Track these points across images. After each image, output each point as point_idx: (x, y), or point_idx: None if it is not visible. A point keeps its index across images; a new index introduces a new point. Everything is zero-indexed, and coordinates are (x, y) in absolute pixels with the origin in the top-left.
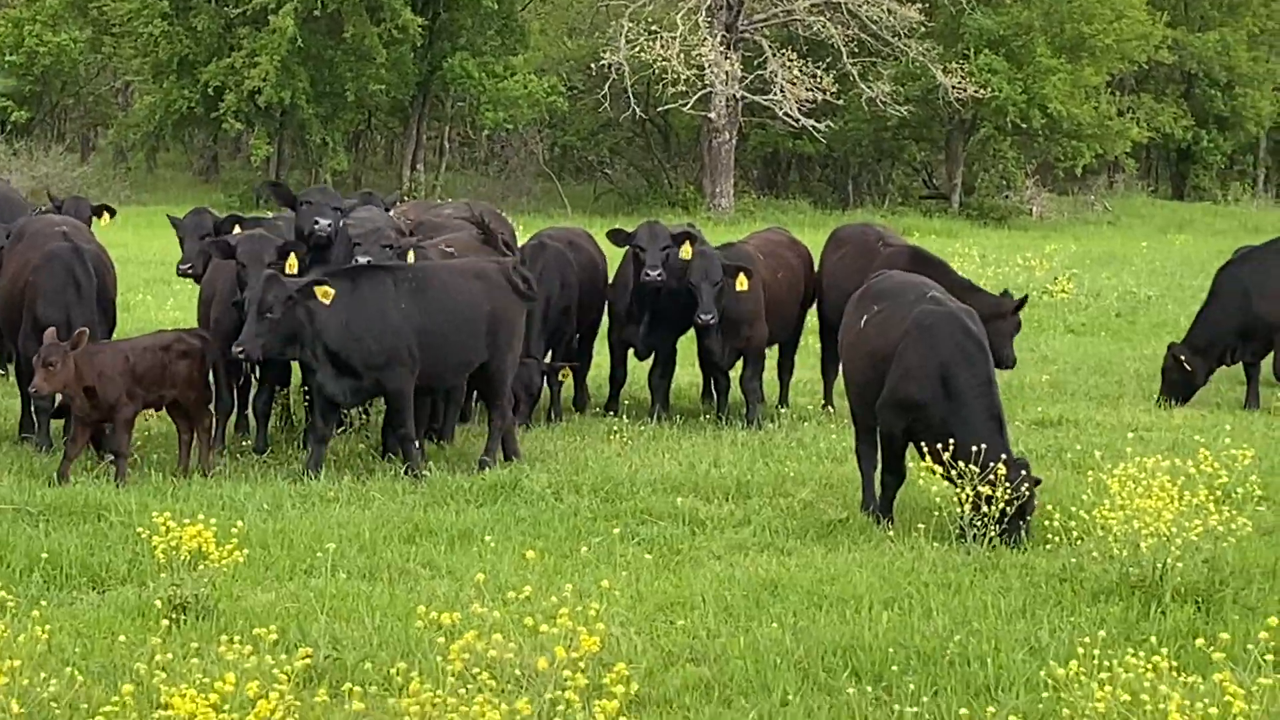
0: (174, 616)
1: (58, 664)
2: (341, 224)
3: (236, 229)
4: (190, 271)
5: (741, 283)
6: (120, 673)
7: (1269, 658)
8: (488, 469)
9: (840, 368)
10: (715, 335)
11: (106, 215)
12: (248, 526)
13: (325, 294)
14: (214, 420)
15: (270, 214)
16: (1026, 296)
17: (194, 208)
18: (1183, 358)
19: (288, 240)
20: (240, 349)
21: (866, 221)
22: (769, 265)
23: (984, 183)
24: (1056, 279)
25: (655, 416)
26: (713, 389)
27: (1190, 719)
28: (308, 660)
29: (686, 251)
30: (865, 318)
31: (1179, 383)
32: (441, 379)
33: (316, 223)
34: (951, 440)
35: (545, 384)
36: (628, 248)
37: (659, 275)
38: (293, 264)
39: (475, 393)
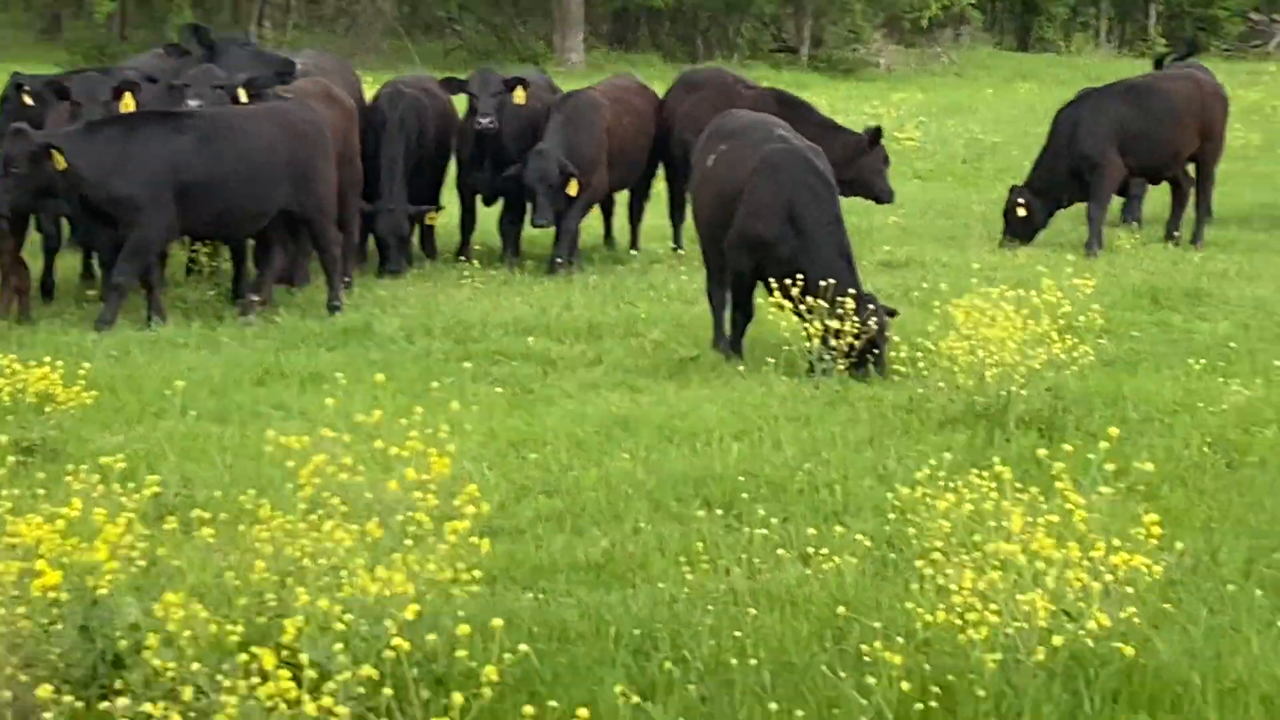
0: (21, 459)
1: None
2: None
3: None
4: None
5: (573, 187)
6: None
7: (1109, 466)
8: (338, 314)
9: (690, 210)
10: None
11: None
12: (95, 371)
13: (58, 160)
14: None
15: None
16: (880, 127)
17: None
18: (1022, 199)
19: (124, 78)
20: None
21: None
22: (614, 111)
23: (832, 35)
24: (904, 127)
25: (507, 263)
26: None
27: (1032, 532)
28: (157, 491)
29: (520, 96)
30: (713, 157)
31: (1020, 223)
32: (233, 227)
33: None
34: (800, 276)
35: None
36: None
37: (490, 123)
38: (128, 103)
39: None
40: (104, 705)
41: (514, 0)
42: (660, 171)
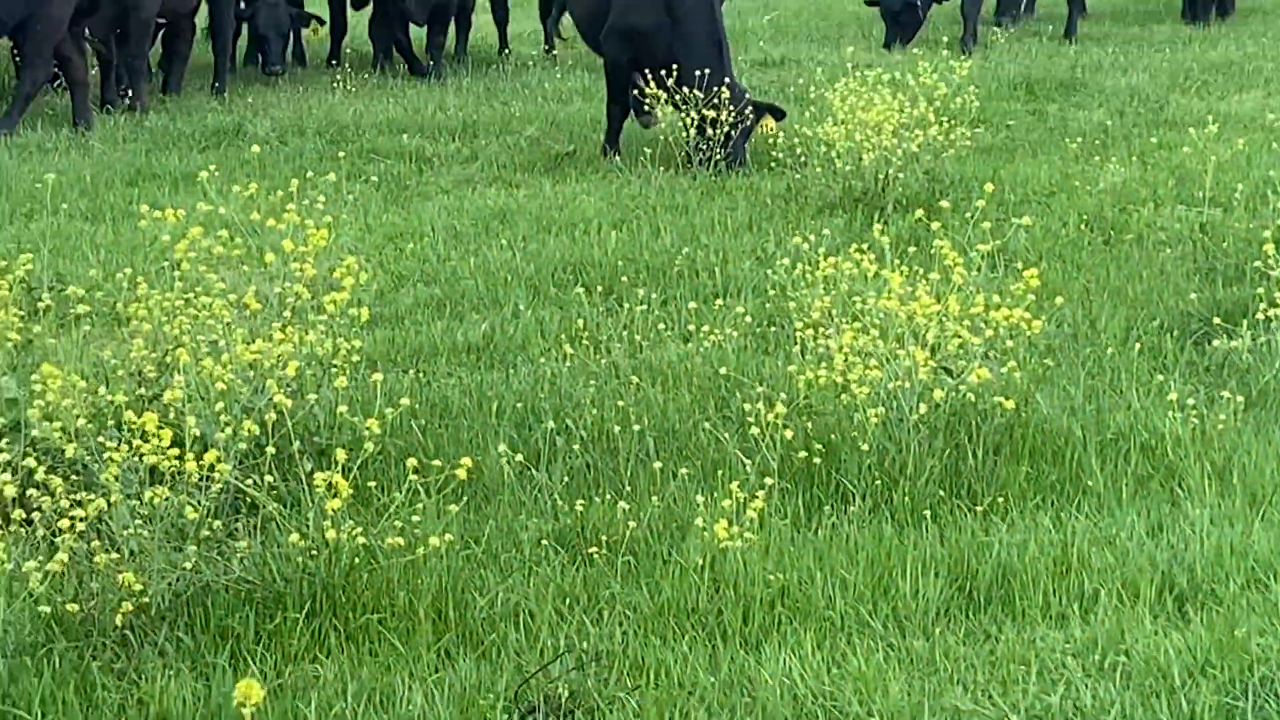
0: None
1: None
2: None
3: None
4: None
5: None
6: None
7: (986, 225)
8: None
9: (568, 6)
10: None
11: None
12: None
13: None
14: None
15: None
16: None
17: None
18: None
19: None
20: None
21: None
22: None
23: None
24: None
25: (378, 66)
26: None
27: (912, 293)
28: (29, 269)
29: None
30: None
31: (905, 20)
32: None
33: None
34: (675, 66)
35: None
36: None
37: None
38: None
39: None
40: None
41: None
42: None
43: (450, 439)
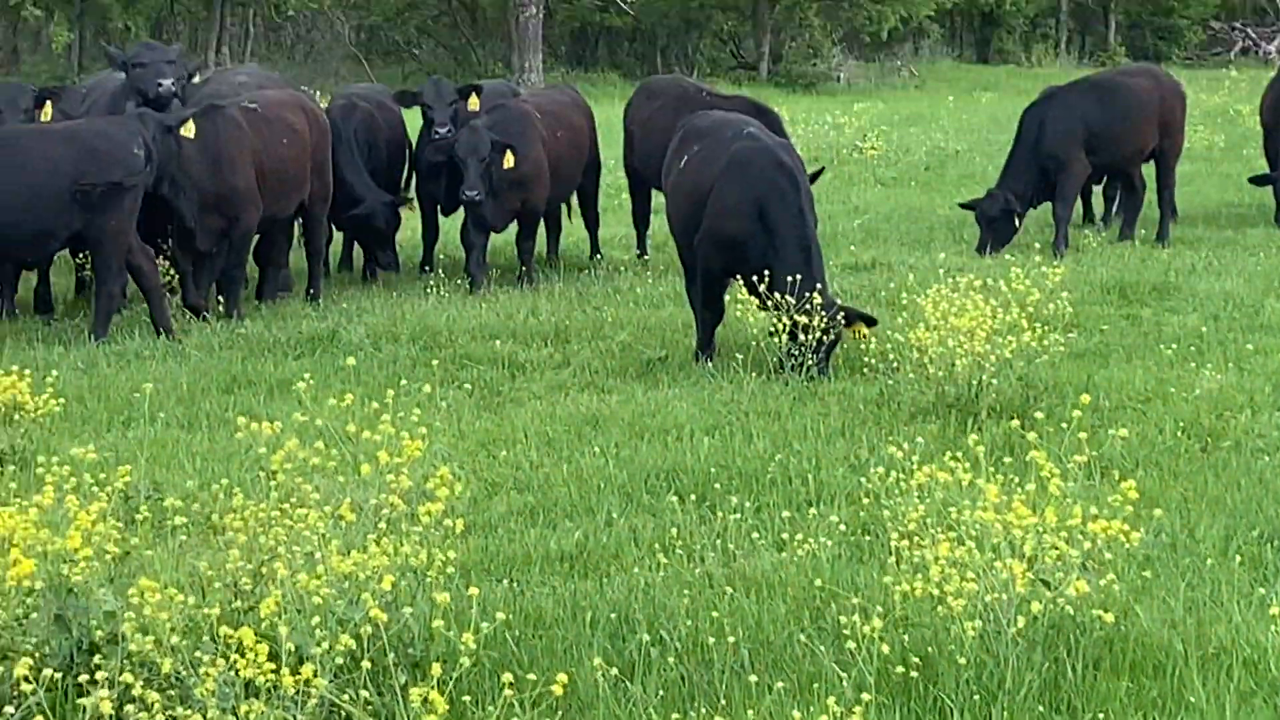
0: None
1: None
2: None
3: (47, 107)
4: None
5: (508, 160)
6: None
7: (1082, 435)
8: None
9: (666, 212)
10: (486, 202)
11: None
12: (63, 382)
13: None
14: None
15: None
16: (823, 168)
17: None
18: (1010, 197)
19: (44, 88)
20: None
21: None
22: (548, 124)
23: (791, 51)
24: (865, 137)
25: (471, 272)
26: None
27: (1008, 503)
28: (127, 480)
29: (474, 103)
30: (685, 158)
31: (1001, 226)
32: (11, 251)
33: (159, 84)
34: (768, 273)
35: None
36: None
37: (448, 131)
38: (47, 112)
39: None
40: (82, 699)
41: (472, 22)
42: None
43: (544, 650)
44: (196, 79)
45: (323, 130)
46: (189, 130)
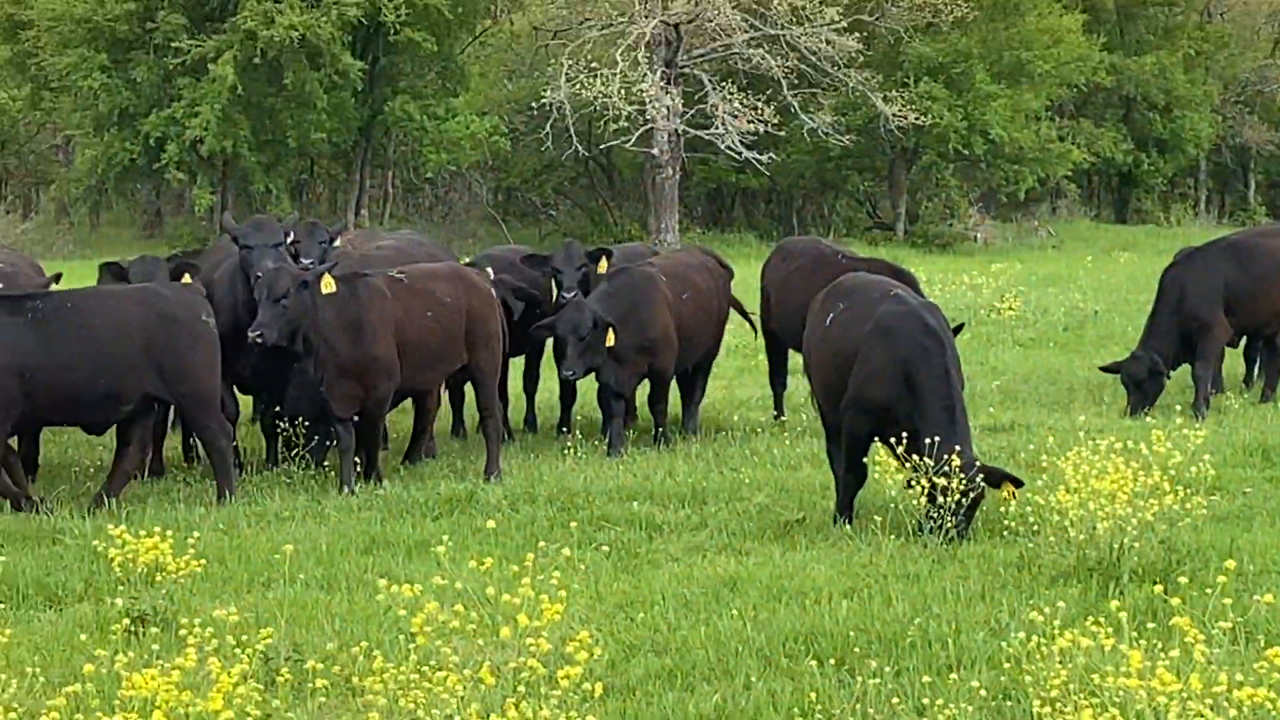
0: (133, 629)
1: (15, 674)
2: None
3: (186, 277)
4: None
5: (610, 339)
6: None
7: (1227, 600)
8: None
9: (805, 373)
10: (610, 366)
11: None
12: (204, 543)
13: None
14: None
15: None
16: (963, 324)
17: (141, 255)
18: (1156, 357)
19: (181, 261)
20: None
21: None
22: (673, 288)
23: (928, 211)
24: (1003, 297)
25: (607, 436)
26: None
27: (1151, 670)
28: (269, 641)
29: (603, 267)
30: (830, 317)
31: (1149, 386)
32: (81, 413)
33: (258, 275)
34: (911, 434)
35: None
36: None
37: (574, 296)
38: (188, 280)
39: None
40: None
41: (609, 183)
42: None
43: None
44: (338, 242)
45: (488, 301)
46: (328, 286)
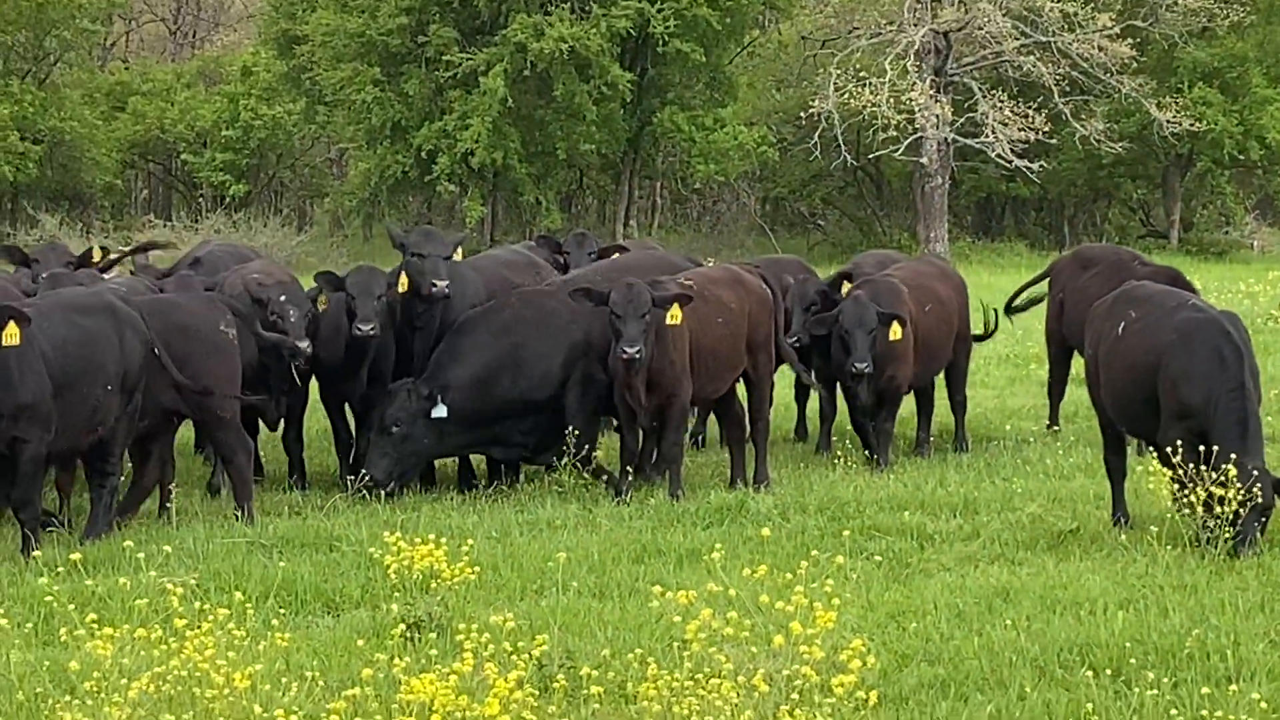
0: (409, 635)
1: (295, 678)
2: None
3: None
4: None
5: (895, 332)
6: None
7: None
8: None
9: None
10: (863, 381)
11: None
12: (477, 550)
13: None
14: None
15: None
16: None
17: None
18: None
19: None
20: None
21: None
22: (915, 299)
23: (1203, 218)
24: None
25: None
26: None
27: None
28: (544, 646)
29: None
30: (1123, 325)
31: None
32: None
33: (434, 285)
34: (1208, 446)
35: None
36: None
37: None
38: (404, 284)
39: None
40: None
41: (877, 192)
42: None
43: None
44: (458, 255)
45: (763, 304)
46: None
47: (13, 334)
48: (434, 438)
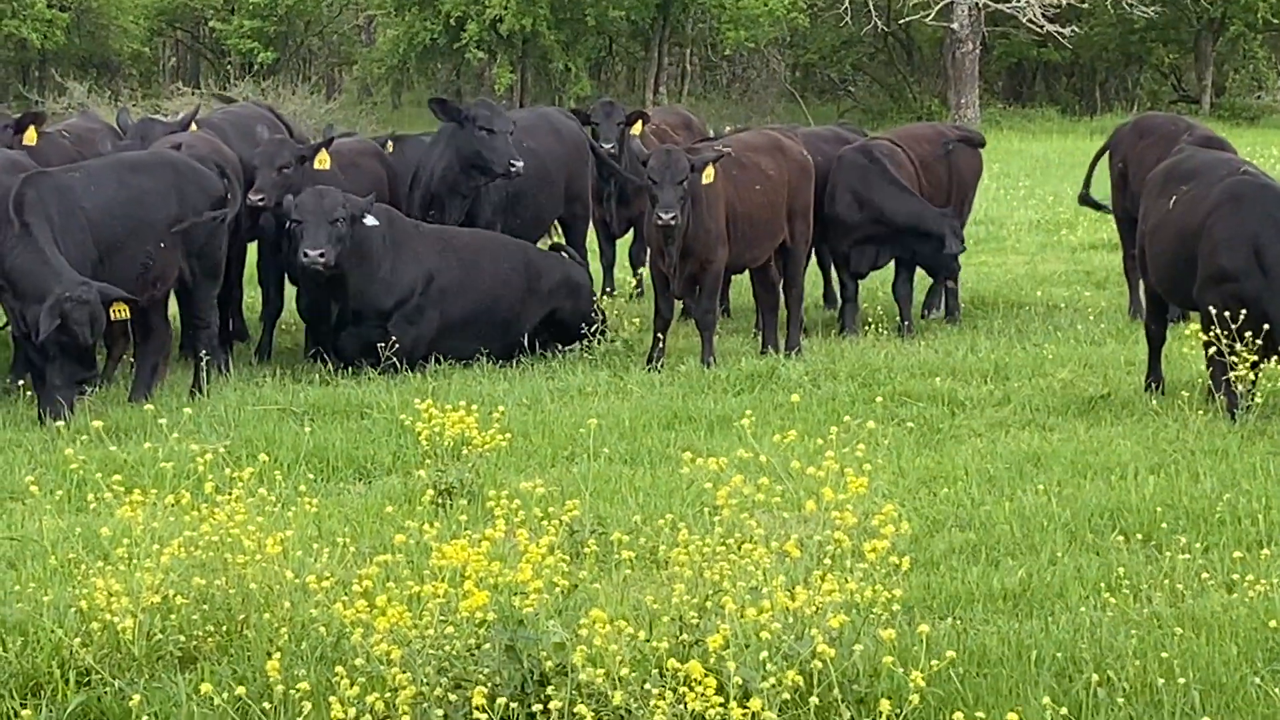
0: (440, 501)
1: (326, 544)
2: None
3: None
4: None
5: (709, 174)
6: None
7: None
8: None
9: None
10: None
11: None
12: (508, 418)
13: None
14: None
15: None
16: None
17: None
18: None
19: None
20: None
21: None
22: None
23: (1235, 83)
24: None
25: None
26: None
27: None
28: (574, 513)
29: (637, 129)
30: (1174, 199)
31: None
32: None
33: (513, 165)
34: (1261, 316)
35: None
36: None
37: (612, 149)
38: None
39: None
40: None
41: (908, 59)
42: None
43: (990, 689)
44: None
45: (803, 172)
46: (709, 176)
47: None
48: None
